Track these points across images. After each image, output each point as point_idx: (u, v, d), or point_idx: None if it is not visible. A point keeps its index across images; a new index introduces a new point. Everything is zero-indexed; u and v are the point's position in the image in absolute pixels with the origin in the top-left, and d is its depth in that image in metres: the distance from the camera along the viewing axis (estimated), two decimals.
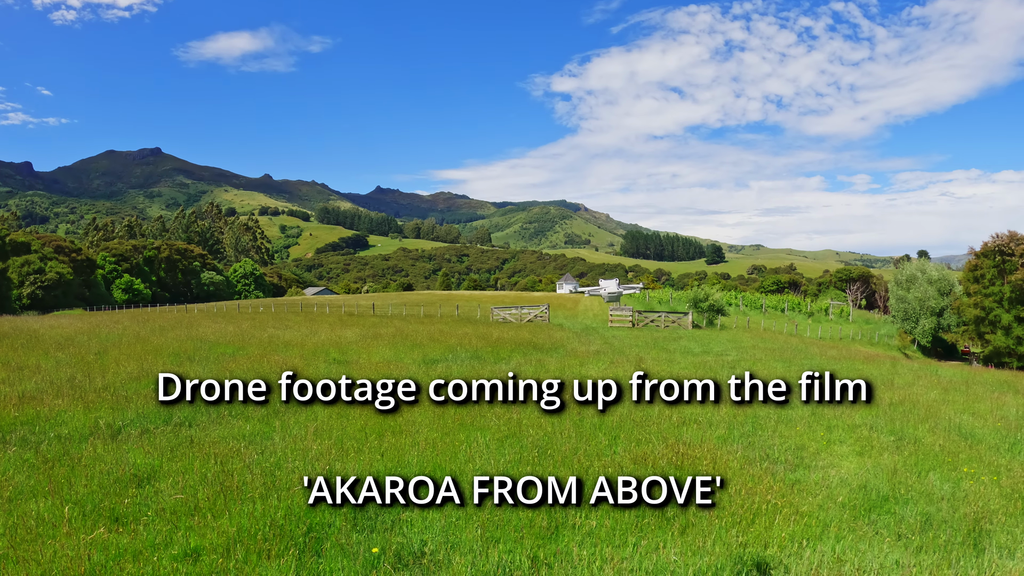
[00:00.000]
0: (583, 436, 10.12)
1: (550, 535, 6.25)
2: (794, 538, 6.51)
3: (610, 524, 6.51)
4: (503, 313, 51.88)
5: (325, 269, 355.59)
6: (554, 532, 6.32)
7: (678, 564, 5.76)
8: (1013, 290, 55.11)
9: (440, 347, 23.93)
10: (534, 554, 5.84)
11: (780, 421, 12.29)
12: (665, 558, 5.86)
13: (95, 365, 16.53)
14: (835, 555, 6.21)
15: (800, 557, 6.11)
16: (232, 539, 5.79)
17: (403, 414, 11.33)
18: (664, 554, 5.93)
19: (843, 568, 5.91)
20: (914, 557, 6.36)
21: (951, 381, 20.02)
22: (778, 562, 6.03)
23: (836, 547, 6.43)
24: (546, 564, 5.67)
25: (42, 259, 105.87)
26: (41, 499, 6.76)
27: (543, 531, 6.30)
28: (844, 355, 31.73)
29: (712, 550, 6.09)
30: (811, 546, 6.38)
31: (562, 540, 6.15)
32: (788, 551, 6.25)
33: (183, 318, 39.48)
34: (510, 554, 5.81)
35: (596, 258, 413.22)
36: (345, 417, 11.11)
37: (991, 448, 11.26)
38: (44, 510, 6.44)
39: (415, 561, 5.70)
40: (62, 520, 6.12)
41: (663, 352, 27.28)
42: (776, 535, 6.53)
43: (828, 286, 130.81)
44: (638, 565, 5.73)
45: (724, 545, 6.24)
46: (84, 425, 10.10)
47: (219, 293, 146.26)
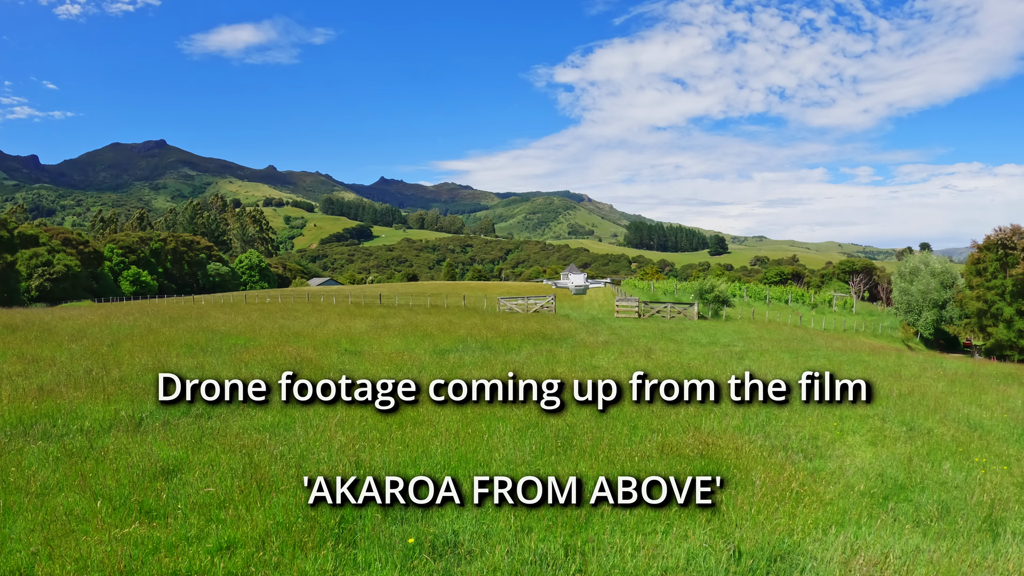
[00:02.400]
0: (603, 426, 10.21)
1: (581, 524, 6.32)
2: (818, 525, 6.64)
3: (640, 512, 6.59)
4: (510, 303, 51.97)
5: (330, 260, 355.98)
6: (585, 521, 6.39)
7: (709, 550, 5.84)
8: (1015, 283, 55.14)
9: (450, 337, 24.01)
10: (566, 542, 5.90)
11: (793, 411, 12.38)
12: (696, 545, 5.94)
13: (109, 357, 16.62)
14: (858, 541, 6.32)
15: (824, 543, 6.22)
16: (266, 531, 5.83)
17: (424, 405, 11.43)
18: (694, 541, 6.01)
19: (868, 553, 6.00)
20: (934, 543, 6.47)
21: (956, 373, 20.09)
22: (803, 548, 6.13)
23: (858, 533, 6.55)
24: (580, 552, 5.73)
25: (50, 251, 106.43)
26: (70, 493, 6.78)
27: (574, 520, 6.36)
28: (849, 346, 31.78)
29: (740, 536, 6.18)
30: (835, 532, 6.49)
31: (593, 528, 6.22)
32: (812, 537, 6.36)
33: (192, 309, 39.62)
34: (544, 543, 5.87)
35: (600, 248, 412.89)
36: (365, 408, 11.20)
37: (1000, 439, 11.39)
38: (74, 504, 6.46)
39: (451, 551, 5.76)
40: (93, 515, 6.16)
41: (671, 343, 27.33)
42: (800, 522, 6.64)
43: (831, 278, 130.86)
44: (669, 552, 5.81)
45: (751, 531, 6.33)
46: (104, 417, 10.16)
47: (225, 284, 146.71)
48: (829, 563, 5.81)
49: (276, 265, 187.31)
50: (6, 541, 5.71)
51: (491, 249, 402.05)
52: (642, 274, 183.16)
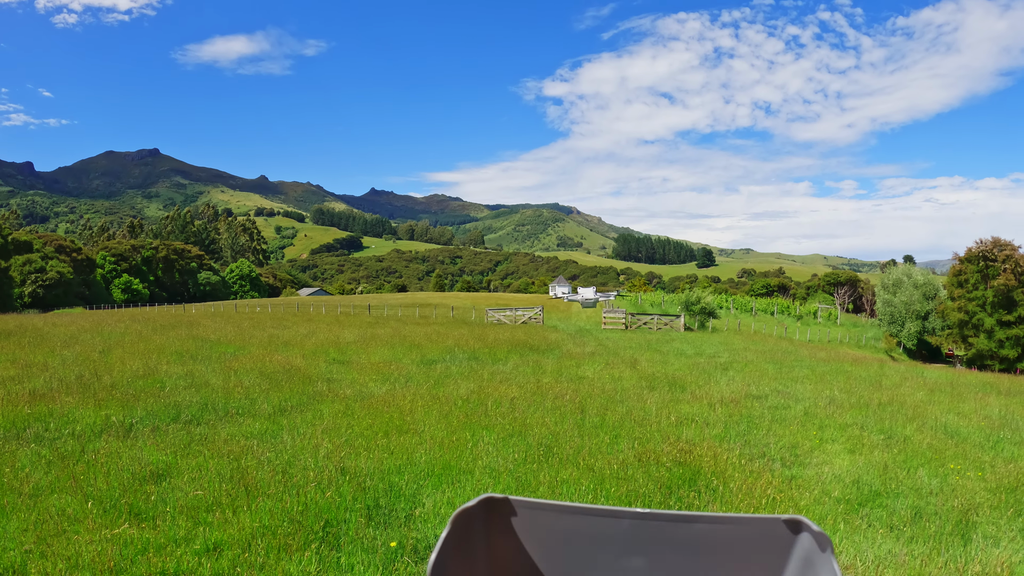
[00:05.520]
0: (586, 434, 10.38)
1: None
2: None
3: None
4: (498, 315, 52.08)
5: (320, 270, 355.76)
6: None
7: None
8: (996, 295, 55.92)
9: (438, 348, 24.13)
10: None
11: (774, 420, 12.61)
12: None
13: (101, 363, 16.70)
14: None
15: None
16: (252, 534, 5.92)
17: (409, 413, 11.59)
18: None
19: (840, 558, 6.15)
20: (906, 547, 6.60)
21: (936, 383, 20.33)
22: None
23: (832, 538, 6.68)
24: None
25: (43, 258, 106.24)
26: (62, 495, 6.88)
27: None
28: (833, 357, 32.04)
29: None
30: None
31: None
32: None
33: (182, 317, 39.56)
34: None
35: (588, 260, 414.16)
36: (351, 416, 11.35)
37: (976, 446, 11.54)
38: (66, 506, 6.55)
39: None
40: (84, 516, 6.26)
41: (657, 354, 27.52)
42: None
43: (816, 290, 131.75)
44: None
45: None
46: (96, 422, 10.26)
47: (215, 293, 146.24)
48: None
49: (267, 275, 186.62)
50: (0, 540, 5.83)
51: (480, 260, 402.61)
52: (630, 286, 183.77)
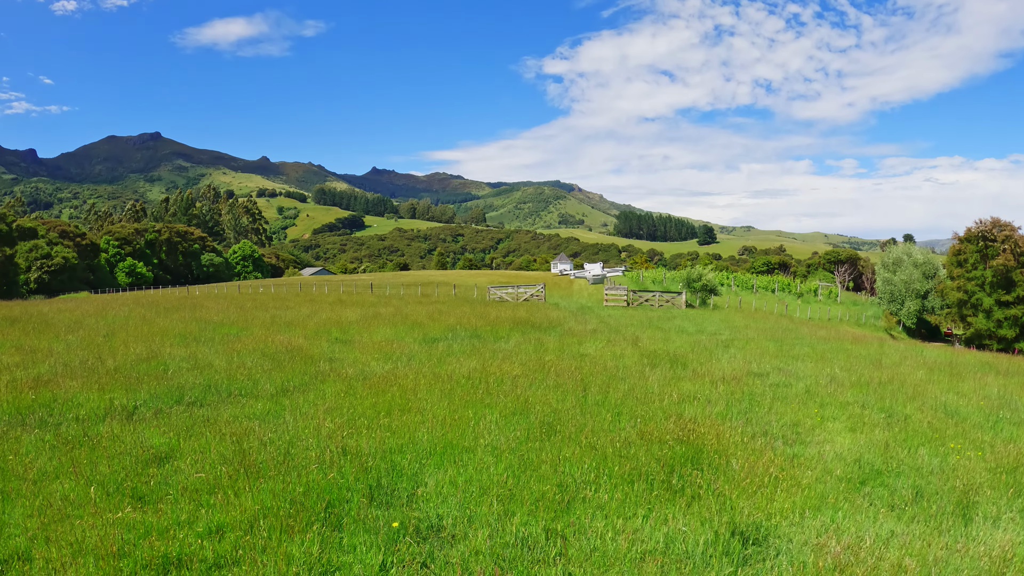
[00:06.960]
0: (588, 412, 10.38)
1: (563, 508, 6.45)
2: (795, 508, 6.76)
3: (620, 496, 6.74)
4: (500, 292, 52.01)
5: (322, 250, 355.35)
6: (567, 505, 6.52)
7: (687, 534, 5.96)
8: (995, 275, 55.86)
9: (440, 326, 24.12)
10: (548, 526, 6.01)
11: (776, 399, 12.60)
12: (675, 529, 6.07)
13: (105, 347, 16.73)
14: (834, 524, 6.46)
15: (801, 527, 6.35)
16: (255, 515, 5.94)
17: (411, 392, 11.60)
18: (673, 525, 6.14)
19: (843, 536, 6.14)
20: (907, 526, 6.60)
21: (936, 362, 20.29)
22: (781, 531, 6.26)
23: (834, 517, 6.66)
24: (561, 536, 5.82)
25: (49, 244, 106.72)
26: (65, 480, 6.92)
27: (556, 504, 6.50)
28: (833, 335, 31.98)
29: (718, 520, 6.27)
30: (811, 516, 6.63)
31: (575, 513, 6.35)
32: (790, 520, 6.48)
33: (186, 300, 39.64)
34: (526, 527, 5.97)
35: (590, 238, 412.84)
36: (353, 395, 11.36)
37: (975, 426, 11.54)
38: (69, 491, 6.59)
39: (435, 534, 5.87)
40: (87, 500, 6.30)
41: (658, 331, 27.48)
42: (778, 506, 6.78)
43: (817, 268, 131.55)
44: (649, 536, 5.93)
45: (730, 515, 6.45)
46: (99, 406, 10.28)
47: (219, 274, 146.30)
48: (804, 546, 5.93)
49: (269, 255, 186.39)
50: (5, 526, 5.84)
51: (482, 238, 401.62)
52: (631, 263, 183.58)
